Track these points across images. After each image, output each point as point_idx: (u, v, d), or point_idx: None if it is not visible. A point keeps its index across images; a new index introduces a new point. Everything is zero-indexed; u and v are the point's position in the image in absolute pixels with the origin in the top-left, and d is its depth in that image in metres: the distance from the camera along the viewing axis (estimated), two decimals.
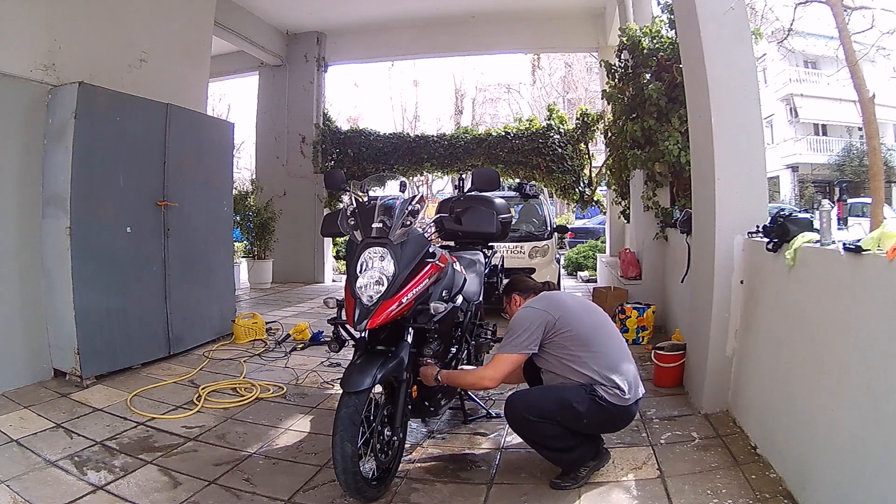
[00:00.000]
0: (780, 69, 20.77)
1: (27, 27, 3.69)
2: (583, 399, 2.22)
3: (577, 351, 2.29)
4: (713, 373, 3.06)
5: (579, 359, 2.28)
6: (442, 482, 2.43)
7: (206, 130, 4.89)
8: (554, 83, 23.96)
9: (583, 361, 2.27)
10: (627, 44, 5.35)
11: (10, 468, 2.45)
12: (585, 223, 15.70)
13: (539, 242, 6.18)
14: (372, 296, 2.18)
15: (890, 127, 19.59)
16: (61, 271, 3.59)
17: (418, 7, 8.34)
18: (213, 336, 4.82)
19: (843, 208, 13.27)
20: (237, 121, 6.24)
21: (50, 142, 3.68)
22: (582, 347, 2.29)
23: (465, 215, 2.75)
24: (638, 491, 2.29)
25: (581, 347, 2.29)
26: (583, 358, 2.27)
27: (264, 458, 2.66)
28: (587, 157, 8.76)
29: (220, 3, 5.86)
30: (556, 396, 2.27)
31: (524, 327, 2.33)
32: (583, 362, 2.27)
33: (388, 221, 2.31)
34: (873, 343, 1.74)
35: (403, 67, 22.79)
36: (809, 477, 2.06)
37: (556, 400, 2.25)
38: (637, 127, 5.11)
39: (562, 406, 2.23)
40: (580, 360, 2.27)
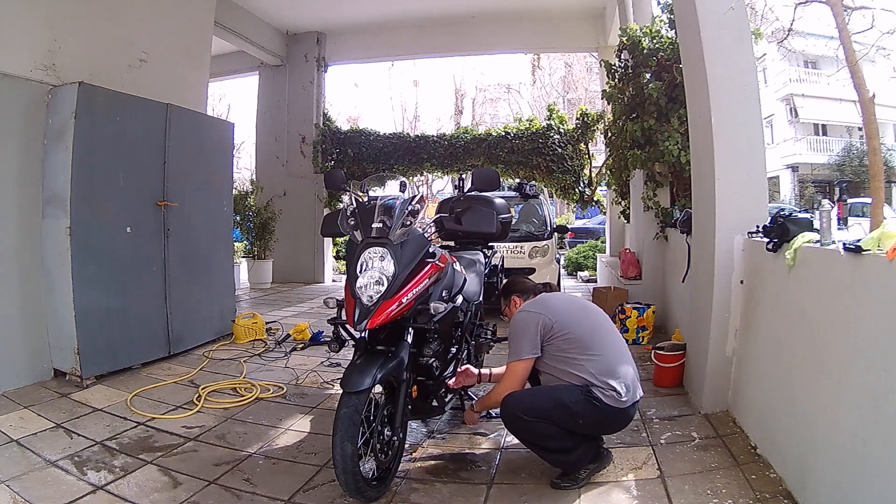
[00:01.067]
0: (780, 69, 20.77)
1: (27, 27, 3.69)
2: (577, 399, 2.22)
3: (574, 354, 2.28)
4: (713, 373, 3.06)
5: (576, 361, 2.27)
6: (442, 482, 2.43)
7: (207, 130, 4.89)
8: (554, 83, 23.96)
9: (579, 364, 2.27)
10: (627, 44, 5.35)
11: (10, 468, 2.44)
12: (585, 223, 15.71)
13: (539, 242, 6.18)
14: (372, 296, 2.18)
15: (890, 127, 19.59)
16: (61, 271, 3.59)
17: (418, 7, 8.34)
18: (213, 336, 4.82)
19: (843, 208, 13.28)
20: (237, 121, 6.25)
21: (50, 142, 3.68)
22: (579, 350, 2.29)
23: (465, 215, 2.75)
24: (638, 491, 2.29)
25: (578, 350, 2.29)
26: (579, 361, 2.27)
27: (264, 458, 2.66)
28: (587, 157, 8.76)
29: (220, 3, 5.87)
30: (551, 396, 2.27)
31: (524, 331, 2.34)
32: (579, 365, 2.27)
33: (388, 221, 2.31)
34: (873, 343, 1.74)
35: (403, 67, 22.83)
36: (809, 477, 2.06)
37: (551, 399, 2.25)
38: (637, 127, 5.10)
39: (556, 405, 2.22)
40: (577, 362, 2.27)
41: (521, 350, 2.33)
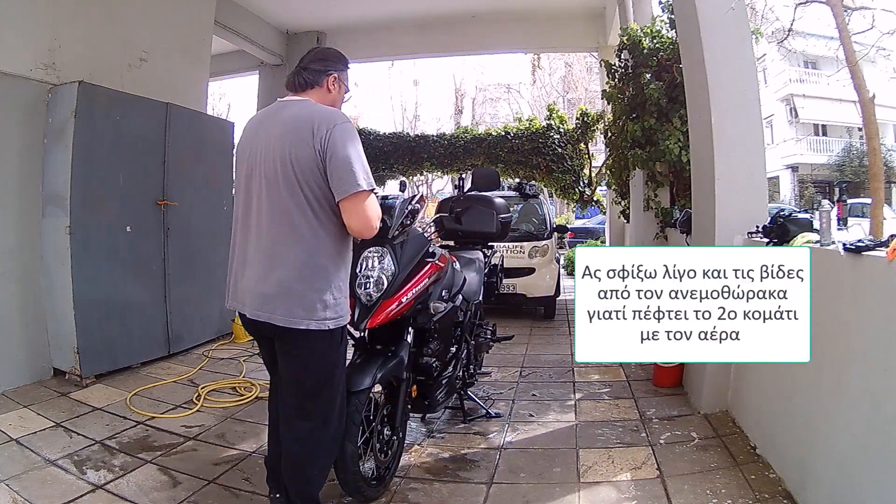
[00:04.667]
0: (780, 69, 20.74)
1: (27, 26, 3.68)
2: None
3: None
4: (713, 373, 3.06)
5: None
6: (441, 482, 2.43)
7: (207, 130, 4.89)
8: (554, 83, 23.94)
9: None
10: (628, 44, 5.35)
11: (10, 467, 2.44)
12: (585, 223, 15.70)
13: (539, 242, 6.17)
14: (372, 295, 2.18)
15: (890, 127, 19.58)
16: (61, 270, 3.59)
17: (418, 7, 8.33)
18: (212, 335, 4.82)
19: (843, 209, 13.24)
20: (237, 120, 6.23)
21: (50, 141, 3.68)
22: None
23: (465, 215, 2.75)
24: (637, 491, 2.29)
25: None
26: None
27: (264, 457, 2.66)
28: (587, 156, 8.76)
29: (220, 2, 5.86)
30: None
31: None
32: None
33: (388, 221, 2.31)
34: (873, 343, 1.74)
35: (403, 67, 22.85)
36: (809, 477, 2.06)
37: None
38: (637, 127, 5.10)
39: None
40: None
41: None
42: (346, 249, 1.94)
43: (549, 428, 3.02)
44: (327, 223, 1.84)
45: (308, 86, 1.96)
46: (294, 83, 1.98)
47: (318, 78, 1.96)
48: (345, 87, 2.05)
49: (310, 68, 1.96)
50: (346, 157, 1.78)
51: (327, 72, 1.97)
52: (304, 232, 1.81)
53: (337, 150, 1.78)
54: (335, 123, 1.81)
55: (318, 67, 1.97)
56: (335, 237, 1.86)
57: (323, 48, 2.13)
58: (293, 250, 1.81)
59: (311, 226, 1.81)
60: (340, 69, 2.03)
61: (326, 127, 1.79)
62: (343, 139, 1.80)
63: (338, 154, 1.78)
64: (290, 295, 1.80)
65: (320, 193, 1.81)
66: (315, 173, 1.79)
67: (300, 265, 1.81)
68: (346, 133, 1.82)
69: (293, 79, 1.98)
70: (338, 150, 1.78)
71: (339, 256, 1.89)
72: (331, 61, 2.01)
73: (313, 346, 1.85)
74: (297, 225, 1.81)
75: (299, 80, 1.97)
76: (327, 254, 1.84)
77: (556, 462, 2.58)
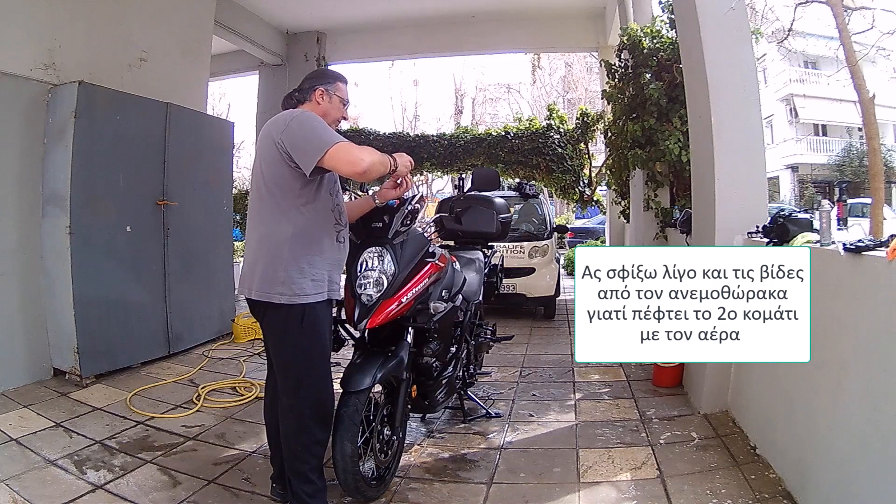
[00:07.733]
0: (780, 69, 20.74)
1: (27, 26, 3.68)
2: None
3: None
4: (713, 373, 3.06)
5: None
6: (441, 482, 2.43)
7: (207, 130, 4.89)
8: (554, 83, 23.95)
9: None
10: (628, 44, 5.35)
11: (10, 467, 2.44)
12: (585, 223, 15.72)
13: (539, 242, 6.17)
14: (371, 295, 2.18)
15: (890, 127, 19.58)
16: (61, 270, 3.59)
17: (418, 7, 8.33)
18: (212, 335, 4.82)
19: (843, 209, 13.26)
20: (237, 120, 6.25)
21: (50, 141, 3.68)
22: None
23: (465, 215, 2.75)
24: (637, 491, 2.29)
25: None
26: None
27: (264, 457, 2.65)
28: (587, 156, 8.76)
29: (220, 2, 5.86)
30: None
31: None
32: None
33: (388, 221, 2.31)
34: (873, 343, 1.74)
35: (403, 67, 22.87)
36: (809, 477, 2.06)
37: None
38: (637, 127, 5.10)
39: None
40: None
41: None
42: (311, 234, 2.04)
43: (549, 428, 3.02)
44: (287, 208, 2.00)
45: (299, 103, 2.16)
46: (287, 105, 2.19)
47: (306, 95, 2.16)
48: (338, 98, 2.20)
49: (301, 88, 2.18)
50: (304, 132, 1.93)
51: (313, 87, 2.16)
52: (265, 216, 2.03)
53: (294, 132, 1.94)
54: (293, 116, 1.98)
55: (305, 86, 2.18)
56: (295, 221, 2.00)
57: (312, 71, 2.37)
58: (257, 231, 2.06)
59: (271, 210, 2.01)
60: (327, 82, 2.19)
61: (285, 121, 1.98)
62: (300, 123, 1.96)
63: (296, 133, 1.94)
64: (255, 272, 2.03)
65: (283, 182, 1.98)
66: (279, 162, 1.96)
67: (260, 242, 2.04)
68: (304, 118, 1.97)
69: (286, 101, 2.20)
70: (295, 131, 1.94)
71: (300, 239, 2.01)
72: (316, 78, 2.21)
73: (275, 319, 2.04)
74: (259, 210, 2.06)
75: (292, 101, 2.18)
76: (284, 234, 2.00)
77: (556, 462, 2.58)
